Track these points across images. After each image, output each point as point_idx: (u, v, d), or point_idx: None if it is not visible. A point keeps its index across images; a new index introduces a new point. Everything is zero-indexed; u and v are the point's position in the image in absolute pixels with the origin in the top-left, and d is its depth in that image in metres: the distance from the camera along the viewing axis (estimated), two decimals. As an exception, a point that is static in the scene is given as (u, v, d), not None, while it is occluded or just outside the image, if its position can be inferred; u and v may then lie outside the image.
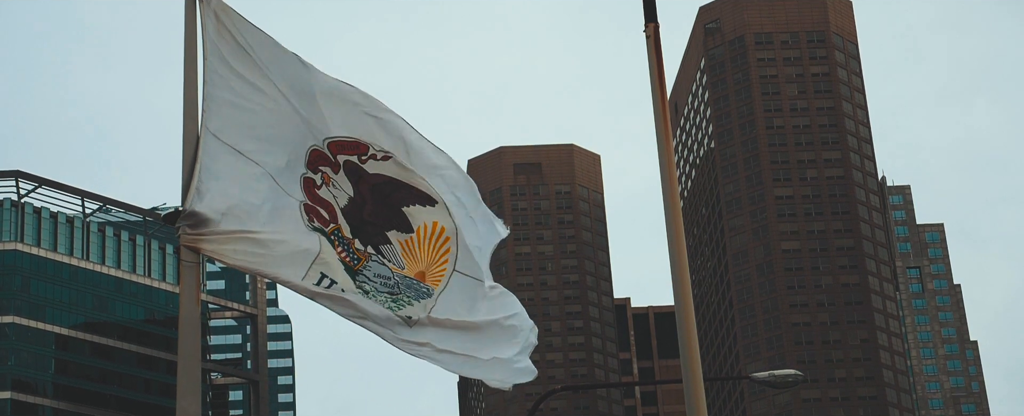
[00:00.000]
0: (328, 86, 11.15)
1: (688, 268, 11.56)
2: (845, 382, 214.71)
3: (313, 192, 11.04)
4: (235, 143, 10.86)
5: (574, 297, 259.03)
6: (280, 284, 11.07)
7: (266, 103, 11.02)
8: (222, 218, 10.69)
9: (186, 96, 10.90)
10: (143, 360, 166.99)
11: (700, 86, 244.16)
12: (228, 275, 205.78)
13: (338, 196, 11.10)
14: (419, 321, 11.23)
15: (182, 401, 10.50)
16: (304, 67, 11.11)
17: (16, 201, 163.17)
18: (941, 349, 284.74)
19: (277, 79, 11.03)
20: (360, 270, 11.11)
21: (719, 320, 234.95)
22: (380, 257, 11.13)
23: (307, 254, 10.93)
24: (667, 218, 11.64)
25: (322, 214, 11.02)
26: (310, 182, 11.04)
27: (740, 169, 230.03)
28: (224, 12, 10.95)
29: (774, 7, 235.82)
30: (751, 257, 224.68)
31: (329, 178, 11.05)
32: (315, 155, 11.05)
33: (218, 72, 10.89)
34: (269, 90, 11.02)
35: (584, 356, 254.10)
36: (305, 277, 10.98)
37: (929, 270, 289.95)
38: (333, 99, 11.14)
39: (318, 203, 11.04)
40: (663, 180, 11.75)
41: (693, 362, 11.31)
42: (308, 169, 11.04)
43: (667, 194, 11.71)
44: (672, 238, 11.56)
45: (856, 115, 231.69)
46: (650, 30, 12.09)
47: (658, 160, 11.83)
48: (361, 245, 11.09)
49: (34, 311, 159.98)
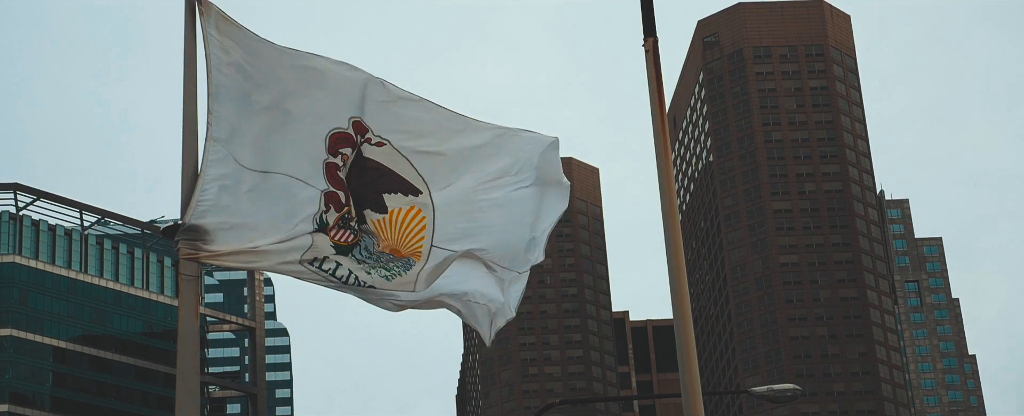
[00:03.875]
0: (339, 70, 11.15)
1: (687, 282, 11.56)
2: (843, 396, 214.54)
3: (334, 175, 11.06)
4: (239, 154, 10.86)
5: (573, 310, 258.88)
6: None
7: (273, 110, 11.01)
8: (222, 233, 10.68)
9: (186, 108, 10.88)
10: (141, 373, 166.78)
11: (699, 100, 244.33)
12: (226, 288, 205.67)
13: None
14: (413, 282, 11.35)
15: (180, 414, 10.50)
16: (310, 60, 11.09)
17: (14, 214, 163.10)
18: (939, 363, 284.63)
19: (285, 79, 11.03)
20: (358, 241, 11.15)
21: (718, 334, 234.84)
22: (368, 227, 11.21)
23: (302, 249, 10.97)
24: (666, 231, 11.64)
25: (340, 197, 11.05)
26: (332, 166, 11.04)
27: (739, 183, 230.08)
28: (225, 22, 10.94)
29: (773, 21, 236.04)
30: (750, 271, 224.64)
31: (347, 158, 11.07)
32: (335, 138, 11.03)
33: (222, 82, 10.88)
34: (276, 97, 11.01)
35: (583, 369, 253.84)
36: (300, 262, 11.04)
37: (927, 284, 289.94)
38: (346, 80, 11.14)
39: (339, 186, 11.06)
40: (662, 193, 11.75)
41: (692, 376, 11.31)
42: (329, 154, 11.04)
43: (666, 207, 11.71)
44: (671, 252, 11.56)
45: (854, 129, 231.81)
46: (649, 45, 12.07)
47: (657, 173, 11.84)
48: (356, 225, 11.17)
49: (32, 324, 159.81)
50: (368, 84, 11.17)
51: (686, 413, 11.39)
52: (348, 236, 11.07)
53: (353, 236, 11.10)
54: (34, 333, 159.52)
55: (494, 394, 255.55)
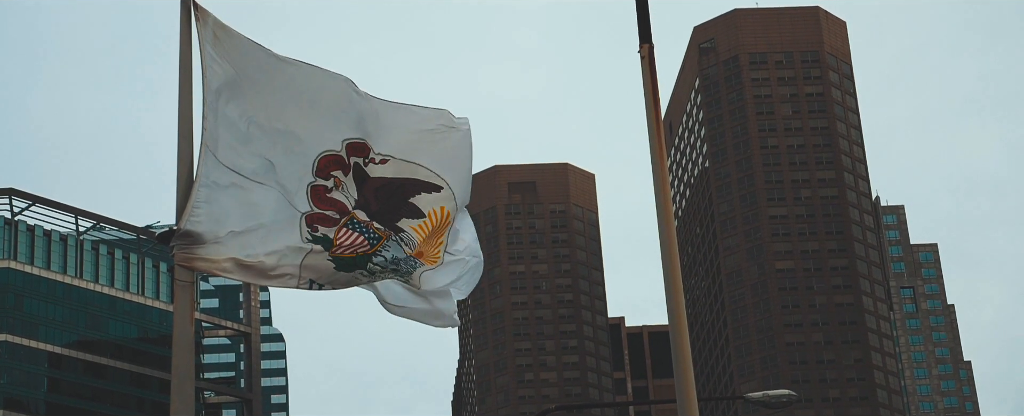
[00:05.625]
0: (335, 88, 11.15)
1: (682, 287, 11.56)
2: (839, 402, 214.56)
3: (323, 197, 11.05)
4: (234, 162, 10.85)
5: (568, 316, 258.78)
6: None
7: (267, 120, 11.00)
8: (216, 240, 10.68)
9: (181, 114, 10.88)
10: (136, 379, 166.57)
11: (694, 105, 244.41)
12: (222, 294, 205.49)
13: (348, 199, 11.15)
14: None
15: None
16: (309, 74, 11.08)
17: (10, 219, 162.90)
18: (935, 369, 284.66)
19: (279, 93, 11.01)
20: (379, 251, 11.20)
21: (713, 339, 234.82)
22: (398, 239, 11.28)
23: (295, 261, 10.99)
24: (661, 237, 11.65)
25: (331, 216, 11.04)
26: (320, 189, 11.04)
27: (734, 188, 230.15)
28: (221, 30, 10.93)
29: (768, 27, 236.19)
30: (745, 276, 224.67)
31: (340, 182, 11.08)
32: (325, 161, 11.04)
33: (217, 90, 10.88)
34: (270, 107, 11.00)
35: (578, 375, 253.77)
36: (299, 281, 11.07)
37: (923, 290, 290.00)
38: (341, 100, 11.14)
39: (327, 207, 11.05)
40: (657, 199, 11.76)
41: (687, 382, 11.31)
42: (317, 177, 11.04)
43: (661, 213, 11.71)
44: (666, 257, 11.56)
45: (850, 135, 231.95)
46: (645, 51, 12.08)
47: (653, 179, 11.85)
48: (380, 226, 11.20)
49: (27, 329, 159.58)
50: (364, 101, 11.17)
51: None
52: (363, 244, 11.14)
53: (370, 245, 11.16)
54: (29, 338, 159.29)
55: (490, 400, 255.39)
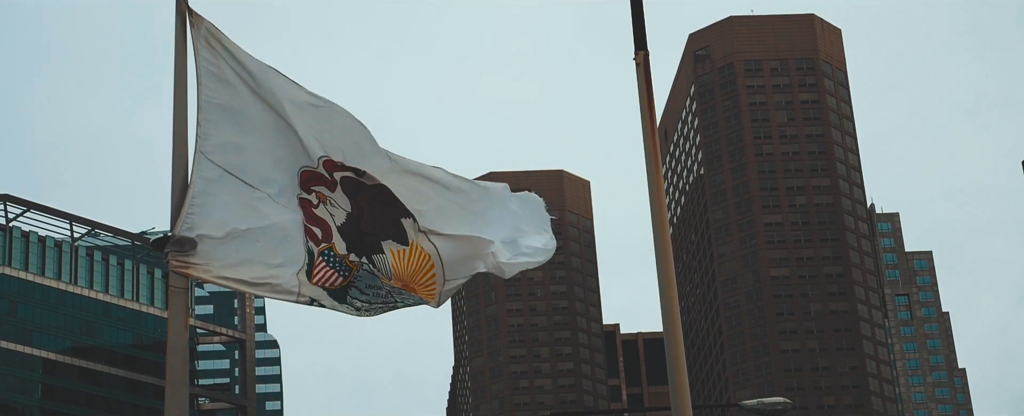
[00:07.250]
0: (321, 108, 11.10)
1: (677, 295, 11.56)
2: (834, 409, 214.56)
3: (310, 211, 11.02)
4: (231, 168, 10.86)
5: (563, 323, 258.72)
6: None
7: (260, 127, 11.01)
8: (211, 247, 10.67)
9: (176, 120, 10.88)
10: (131, 385, 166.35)
11: (690, 113, 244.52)
12: (216, 300, 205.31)
13: (335, 214, 11.03)
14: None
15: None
16: (296, 89, 11.08)
17: (4, 225, 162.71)
18: (930, 376, 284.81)
19: (270, 103, 11.01)
20: (351, 282, 11.08)
21: (708, 347, 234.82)
22: (371, 266, 11.10)
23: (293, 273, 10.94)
24: (656, 244, 11.64)
25: (316, 233, 11.00)
26: (306, 203, 11.02)
27: (729, 196, 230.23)
28: (215, 36, 10.94)
29: (764, 34, 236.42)
30: (740, 284, 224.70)
31: (325, 196, 11.01)
32: (306, 176, 11.00)
33: (211, 97, 10.89)
34: (262, 115, 11.00)
35: (573, 382, 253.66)
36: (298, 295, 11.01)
37: (918, 298, 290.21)
38: (327, 122, 11.09)
39: (314, 223, 11.02)
40: (652, 206, 11.76)
41: (682, 389, 11.30)
42: (302, 190, 11.02)
43: (656, 220, 11.71)
44: (661, 264, 11.56)
45: (845, 142, 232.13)
46: (640, 58, 12.08)
47: (647, 186, 11.85)
48: (356, 258, 11.06)
49: (21, 335, 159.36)
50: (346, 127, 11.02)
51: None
52: (337, 279, 10.99)
53: (342, 279, 11.01)
54: (23, 344, 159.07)
55: (484, 407, 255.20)
